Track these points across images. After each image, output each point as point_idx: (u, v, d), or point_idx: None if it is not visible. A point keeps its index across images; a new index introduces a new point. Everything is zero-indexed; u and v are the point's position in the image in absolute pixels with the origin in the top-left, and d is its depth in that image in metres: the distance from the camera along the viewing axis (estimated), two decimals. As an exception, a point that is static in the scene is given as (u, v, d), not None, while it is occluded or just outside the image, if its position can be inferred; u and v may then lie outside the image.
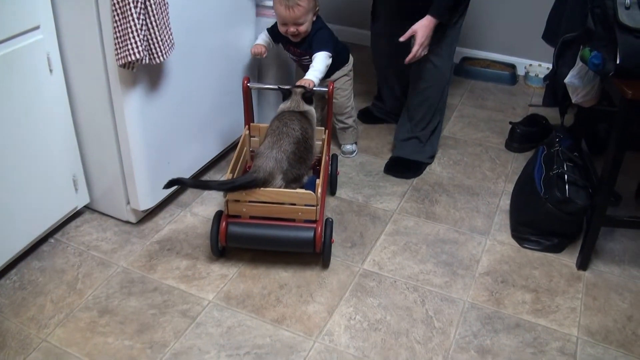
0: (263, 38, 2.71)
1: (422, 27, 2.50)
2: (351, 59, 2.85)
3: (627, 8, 1.97)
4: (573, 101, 2.39)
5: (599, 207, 2.21)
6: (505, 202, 2.69)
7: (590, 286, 2.26)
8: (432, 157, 2.96)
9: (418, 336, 2.03)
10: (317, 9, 2.59)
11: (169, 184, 2.15)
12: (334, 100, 2.72)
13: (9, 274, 2.21)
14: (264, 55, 2.68)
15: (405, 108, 2.90)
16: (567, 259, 2.38)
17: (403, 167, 2.88)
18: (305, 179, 2.35)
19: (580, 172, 2.40)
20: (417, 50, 2.53)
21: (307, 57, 2.65)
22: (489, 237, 2.49)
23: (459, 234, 2.50)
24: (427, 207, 2.66)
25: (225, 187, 2.19)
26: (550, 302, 2.17)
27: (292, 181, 2.25)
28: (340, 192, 2.72)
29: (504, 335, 2.04)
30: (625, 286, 2.26)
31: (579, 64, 2.27)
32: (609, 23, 2.02)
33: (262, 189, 2.17)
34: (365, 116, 3.34)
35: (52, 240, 2.38)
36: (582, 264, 2.32)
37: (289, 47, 2.70)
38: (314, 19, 2.58)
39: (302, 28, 2.53)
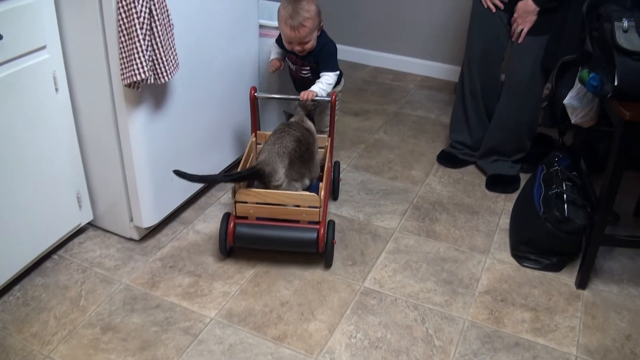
0: (276, 51, 2.76)
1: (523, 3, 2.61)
2: (342, 81, 2.87)
3: (625, 31, 2.01)
4: (572, 122, 2.42)
5: (597, 226, 2.23)
6: (505, 221, 2.71)
7: (589, 305, 2.27)
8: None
9: (418, 354, 2.04)
10: (322, 24, 2.62)
11: (176, 173, 2.20)
12: (317, 117, 2.75)
13: (13, 290, 2.22)
14: (282, 67, 2.75)
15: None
16: (566, 278, 2.39)
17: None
18: (307, 182, 2.44)
19: (579, 191, 2.42)
20: (516, 25, 2.65)
21: (308, 68, 2.68)
22: (489, 255, 2.51)
23: (459, 252, 2.52)
24: (427, 225, 2.68)
25: (231, 179, 2.31)
26: (549, 321, 2.19)
27: (294, 179, 2.34)
28: (342, 210, 2.75)
29: (504, 354, 2.05)
30: (624, 305, 2.27)
31: (577, 85, 2.29)
32: (607, 46, 2.05)
33: (268, 191, 2.28)
34: (448, 160, 3.17)
35: (55, 256, 2.40)
36: (581, 283, 2.34)
37: (292, 56, 2.71)
38: (319, 33, 2.62)
39: (308, 46, 2.57)
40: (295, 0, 2.50)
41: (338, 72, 2.64)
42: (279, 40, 2.71)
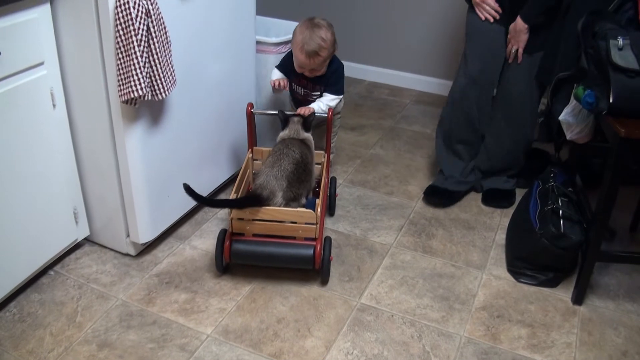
0: (278, 73, 2.74)
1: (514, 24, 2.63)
2: (342, 102, 2.88)
3: (620, 49, 2.02)
4: (567, 138, 2.43)
5: (593, 242, 2.23)
6: (501, 237, 2.71)
7: (586, 321, 2.27)
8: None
9: (415, 371, 2.04)
10: (335, 51, 2.63)
11: (185, 187, 2.18)
12: (321, 135, 2.76)
13: (9, 307, 2.21)
14: (286, 89, 2.73)
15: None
16: (563, 294, 2.40)
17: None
18: (304, 200, 2.43)
19: (575, 207, 2.43)
20: (511, 46, 2.67)
21: (318, 93, 2.70)
22: (485, 271, 2.51)
23: (455, 268, 2.52)
24: (423, 241, 2.68)
25: (231, 205, 2.30)
26: (545, 337, 2.19)
27: (291, 200, 2.34)
28: (338, 225, 2.75)
29: (501, 370, 2.06)
30: (620, 321, 2.28)
31: (573, 102, 2.30)
32: (602, 63, 2.07)
33: (264, 207, 2.26)
34: (438, 196, 2.96)
35: (51, 272, 2.39)
36: (577, 299, 2.34)
37: (302, 81, 2.71)
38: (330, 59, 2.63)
39: (319, 72, 2.59)
40: (314, 27, 2.50)
41: (341, 97, 2.65)
42: (281, 66, 2.71)
